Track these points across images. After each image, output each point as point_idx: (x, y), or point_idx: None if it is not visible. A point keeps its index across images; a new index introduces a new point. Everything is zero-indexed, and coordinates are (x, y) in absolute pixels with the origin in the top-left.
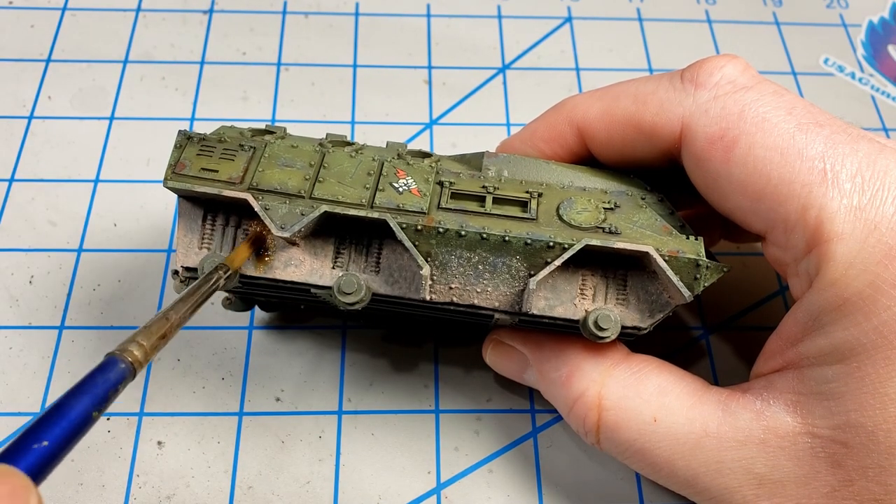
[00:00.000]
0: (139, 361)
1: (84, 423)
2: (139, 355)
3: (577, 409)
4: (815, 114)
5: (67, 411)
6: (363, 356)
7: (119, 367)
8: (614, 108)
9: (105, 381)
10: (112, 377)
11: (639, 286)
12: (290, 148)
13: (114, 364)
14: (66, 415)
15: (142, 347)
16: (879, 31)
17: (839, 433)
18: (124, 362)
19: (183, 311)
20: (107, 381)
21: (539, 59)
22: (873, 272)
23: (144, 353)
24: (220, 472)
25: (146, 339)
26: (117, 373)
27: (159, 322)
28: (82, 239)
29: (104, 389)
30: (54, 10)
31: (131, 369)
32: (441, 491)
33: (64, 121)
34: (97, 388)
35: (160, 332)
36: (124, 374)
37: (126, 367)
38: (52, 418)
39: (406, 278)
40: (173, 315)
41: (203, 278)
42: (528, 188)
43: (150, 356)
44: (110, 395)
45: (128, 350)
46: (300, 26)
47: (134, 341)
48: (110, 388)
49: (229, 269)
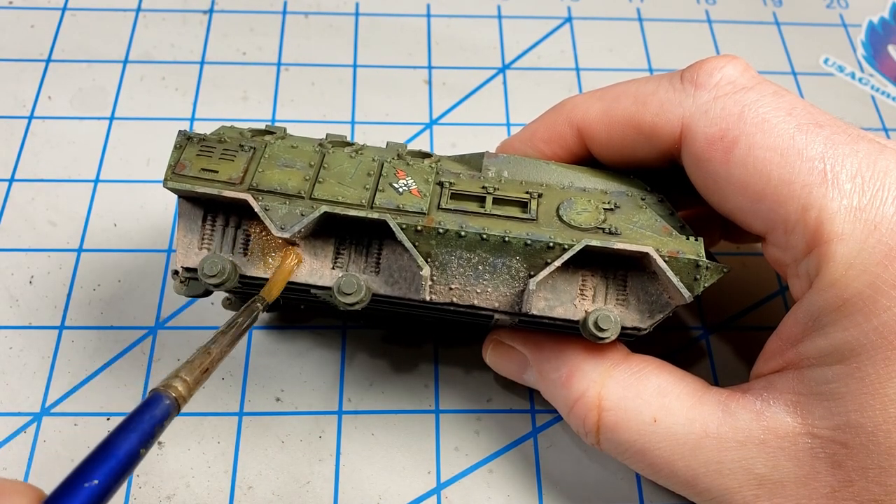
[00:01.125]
0: (183, 396)
1: (132, 460)
2: (183, 390)
3: (577, 410)
4: (815, 114)
5: (116, 449)
6: (363, 356)
7: (164, 403)
8: (614, 109)
9: (152, 418)
10: (158, 413)
11: (639, 287)
12: (290, 148)
13: (159, 400)
14: (114, 453)
15: (185, 383)
16: (879, 31)
17: (839, 434)
18: (169, 398)
19: (224, 345)
20: (153, 417)
21: (539, 59)
22: (873, 273)
23: (188, 388)
24: (220, 472)
25: (189, 374)
26: (163, 409)
27: (202, 356)
28: (82, 239)
29: (150, 426)
30: (54, 10)
31: (176, 405)
32: (441, 491)
33: (64, 121)
34: (144, 425)
35: (203, 366)
36: (169, 409)
37: (171, 403)
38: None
39: (406, 279)
40: (214, 349)
41: (242, 310)
42: (528, 189)
43: (193, 390)
44: (157, 431)
45: (172, 385)
46: (300, 26)
47: (178, 377)
48: (157, 424)
49: (266, 301)
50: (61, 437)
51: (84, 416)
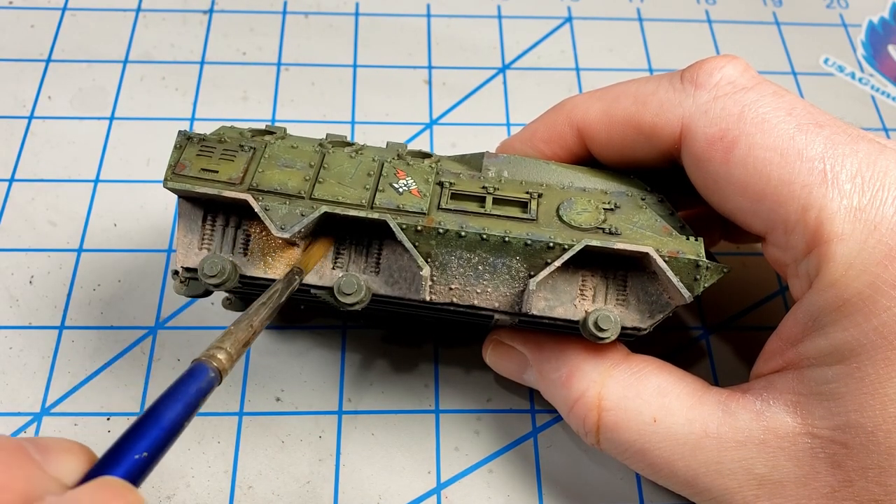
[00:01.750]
0: (225, 368)
1: (177, 430)
2: (225, 362)
3: (577, 410)
4: (815, 114)
5: (161, 419)
6: (363, 356)
7: (209, 375)
8: (614, 109)
9: (198, 390)
10: (203, 385)
11: (639, 287)
12: (290, 148)
13: (203, 371)
14: (160, 423)
15: (228, 354)
16: (879, 31)
17: (839, 434)
18: (212, 369)
19: (263, 316)
20: (199, 389)
21: (539, 59)
22: (873, 273)
23: (230, 360)
24: (220, 472)
25: (233, 346)
26: (207, 380)
27: (244, 329)
28: (82, 239)
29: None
30: (54, 10)
31: (218, 376)
32: (441, 491)
33: (64, 121)
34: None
35: (244, 338)
36: (213, 381)
37: (214, 375)
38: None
39: (406, 279)
40: (256, 320)
41: (282, 280)
42: (528, 189)
43: (234, 361)
44: (200, 402)
45: (215, 357)
46: (300, 26)
47: (221, 348)
48: (201, 395)
49: (303, 272)
50: (61, 437)
51: (84, 416)
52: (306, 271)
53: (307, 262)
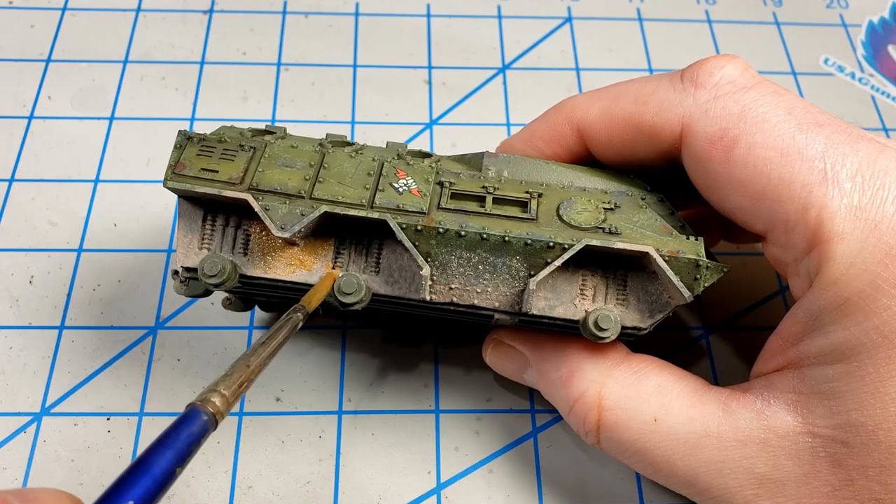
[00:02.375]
0: (220, 412)
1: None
2: (221, 406)
3: (577, 410)
4: (816, 114)
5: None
6: (363, 356)
7: (202, 419)
8: (614, 109)
9: (189, 436)
10: (195, 431)
11: (639, 286)
12: (290, 148)
13: (196, 416)
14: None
15: (223, 397)
16: (879, 31)
17: (840, 433)
18: (206, 414)
19: (263, 356)
20: (190, 435)
21: (539, 59)
22: (873, 272)
23: (226, 403)
24: (220, 472)
25: (227, 388)
26: (200, 426)
27: (240, 370)
28: (82, 239)
29: (187, 444)
30: (54, 10)
31: (213, 421)
32: (441, 491)
33: (64, 121)
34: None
35: (240, 379)
36: (206, 426)
37: (208, 420)
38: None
39: (406, 278)
40: (254, 361)
41: (283, 320)
42: (528, 188)
43: (231, 405)
44: (193, 449)
45: (209, 401)
46: (300, 26)
47: (215, 391)
48: (193, 442)
49: (307, 310)
50: (61, 437)
51: (84, 416)
52: (309, 309)
53: (310, 299)
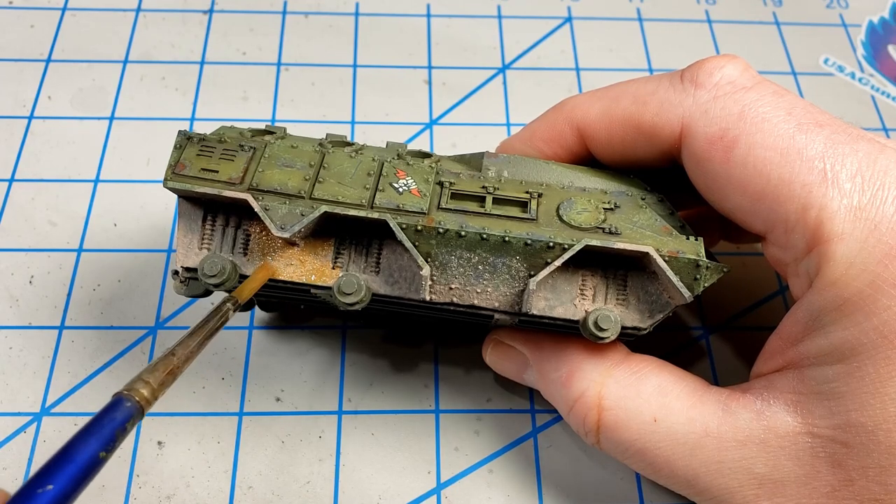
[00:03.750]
0: (146, 399)
1: (92, 464)
2: (146, 393)
3: (577, 410)
4: (815, 114)
5: (74, 454)
6: (363, 356)
7: (125, 405)
8: (614, 109)
9: (112, 422)
10: (119, 417)
11: (639, 286)
12: (290, 148)
13: (120, 404)
14: (72, 458)
15: (148, 385)
16: (879, 31)
17: (839, 433)
18: (131, 401)
19: (191, 347)
20: (113, 420)
21: (539, 59)
22: (873, 272)
23: (152, 391)
24: (220, 472)
25: (152, 377)
26: (124, 412)
27: (165, 360)
28: (82, 239)
29: (111, 431)
30: (54, 10)
31: (138, 408)
32: (441, 491)
33: (64, 121)
34: (104, 430)
35: (167, 369)
36: (131, 412)
37: (133, 406)
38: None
39: (406, 279)
40: (180, 351)
41: (212, 312)
42: (528, 188)
43: (158, 393)
44: (118, 434)
45: (134, 389)
46: (300, 26)
47: (140, 379)
48: (117, 427)
49: (238, 302)
50: (61, 437)
51: (84, 416)
52: (241, 300)
53: (242, 290)
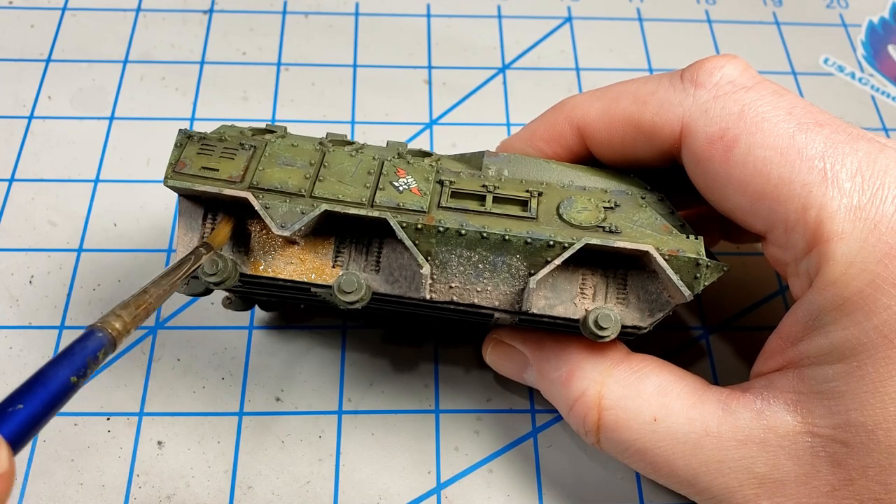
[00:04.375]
0: (118, 332)
1: (63, 389)
2: (119, 326)
3: (577, 409)
4: (815, 114)
5: (46, 378)
6: (363, 356)
7: (97, 335)
8: (614, 108)
9: (83, 349)
10: (91, 345)
11: (639, 285)
12: (291, 147)
13: (92, 334)
14: (44, 382)
15: (121, 319)
16: (879, 31)
17: (839, 432)
18: (103, 332)
19: (163, 287)
20: (85, 348)
21: (539, 59)
22: (873, 271)
23: (124, 325)
24: (220, 472)
25: (125, 312)
26: (96, 341)
27: (139, 296)
28: (82, 239)
29: (83, 357)
30: (54, 10)
31: (111, 339)
32: (441, 491)
33: (64, 121)
34: (76, 357)
35: (140, 305)
36: (103, 342)
37: (104, 337)
38: (32, 385)
39: (406, 277)
40: (153, 290)
41: (185, 256)
42: (529, 187)
43: (130, 327)
44: (89, 362)
45: (107, 321)
46: (300, 26)
47: (113, 313)
48: (88, 355)
49: (211, 247)
50: (61, 437)
51: (84, 416)
52: (214, 246)
53: (214, 238)
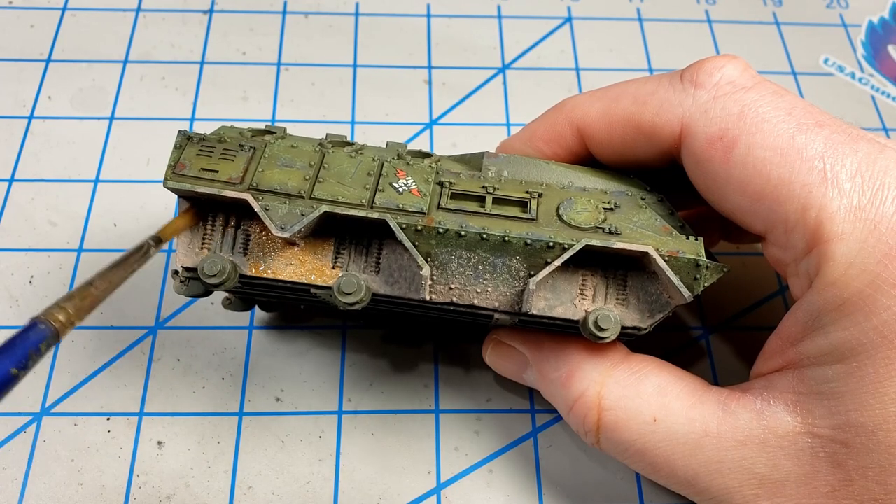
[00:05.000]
0: (62, 323)
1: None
2: (62, 318)
3: (576, 410)
4: (815, 114)
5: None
6: (363, 356)
7: (39, 328)
8: (614, 109)
9: (25, 341)
10: (32, 338)
11: (639, 286)
12: (290, 148)
13: (35, 326)
14: None
15: (64, 311)
16: (879, 31)
17: (839, 433)
18: (46, 324)
19: (110, 280)
20: (26, 340)
21: (539, 59)
22: (873, 272)
23: (68, 317)
24: (220, 472)
25: (70, 304)
26: (38, 333)
27: (84, 289)
28: (82, 239)
29: (24, 349)
30: (54, 10)
31: (53, 331)
32: (441, 491)
33: (64, 121)
34: (17, 349)
35: (85, 297)
36: (45, 335)
37: (47, 329)
38: None
39: (406, 278)
40: (99, 283)
41: (135, 249)
42: (528, 188)
43: (74, 319)
44: (31, 354)
45: (51, 313)
46: (300, 26)
47: (58, 306)
48: (30, 347)
49: (161, 241)
50: (61, 437)
51: (84, 416)
52: (164, 240)
53: (165, 231)
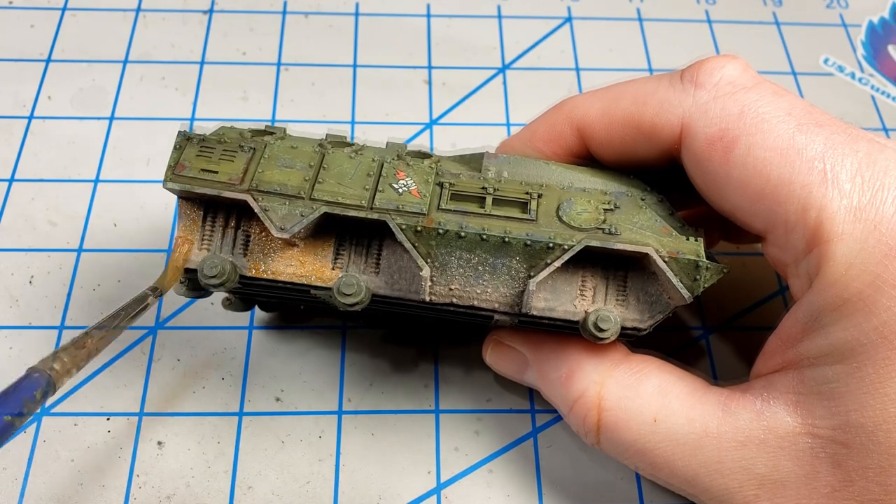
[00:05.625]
0: (58, 372)
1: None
2: (58, 367)
3: (576, 410)
4: (815, 114)
5: None
6: (363, 356)
7: (35, 377)
8: (614, 109)
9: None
10: (27, 386)
11: (638, 287)
12: (290, 149)
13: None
14: None
15: (60, 360)
16: (879, 31)
17: (839, 433)
18: (41, 374)
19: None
20: (21, 390)
21: (539, 59)
22: (873, 272)
23: (63, 366)
24: (220, 472)
25: (66, 354)
26: (33, 381)
27: (80, 340)
28: (82, 239)
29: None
30: (54, 10)
31: (49, 381)
32: (441, 491)
33: (64, 121)
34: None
35: (80, 348)
36: (40, 383)
37: (42, 378)
38: None
39: (406, 279)
40: (96, 333)
41: (134, 300)
42: (528, 189)
43: (70, 368)
44: (25, 402)
45: (47, 363)
46: (300, 26)
47: (56, 356)
48: (25, 395)
49: (161, 291)
50: (61, 437)
51: (84, 416)
52: (163, 291)
53: (163, 281)
